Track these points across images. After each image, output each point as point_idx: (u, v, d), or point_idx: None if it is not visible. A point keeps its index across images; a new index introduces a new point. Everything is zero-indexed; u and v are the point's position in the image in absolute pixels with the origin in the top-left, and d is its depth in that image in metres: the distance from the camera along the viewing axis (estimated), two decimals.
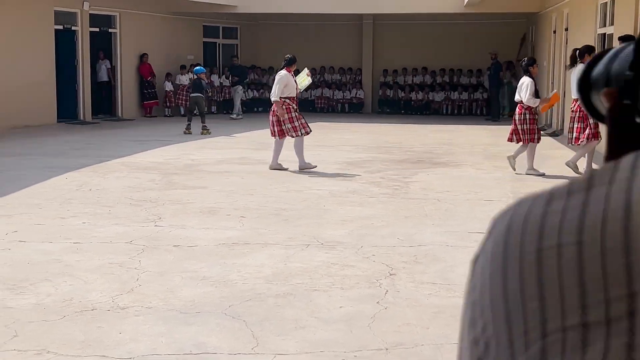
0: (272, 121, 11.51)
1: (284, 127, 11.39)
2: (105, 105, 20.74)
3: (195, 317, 4.86)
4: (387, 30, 25.14)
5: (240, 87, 22.34)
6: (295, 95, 11.60)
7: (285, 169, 11.31)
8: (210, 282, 5.64)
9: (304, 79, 12.29)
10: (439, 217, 8.06)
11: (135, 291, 5.38)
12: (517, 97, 11.22)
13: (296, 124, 11.40)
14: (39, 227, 7.39)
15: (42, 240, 6.85)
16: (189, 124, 16.32)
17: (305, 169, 11.28)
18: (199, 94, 16.53)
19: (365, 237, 7.09)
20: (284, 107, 11.30)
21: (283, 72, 11.52)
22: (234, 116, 21.68)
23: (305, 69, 12.92)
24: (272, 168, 11.36)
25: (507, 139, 11.49)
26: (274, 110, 11.46)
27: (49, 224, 7.50)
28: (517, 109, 11.25)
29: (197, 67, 17.50)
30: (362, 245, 6.79)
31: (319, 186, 9.93)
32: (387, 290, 5.45)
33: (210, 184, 9.95)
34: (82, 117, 19.53)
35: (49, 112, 18.48)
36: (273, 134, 11.55)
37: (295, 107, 11.53)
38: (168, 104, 21.71)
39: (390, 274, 5.87)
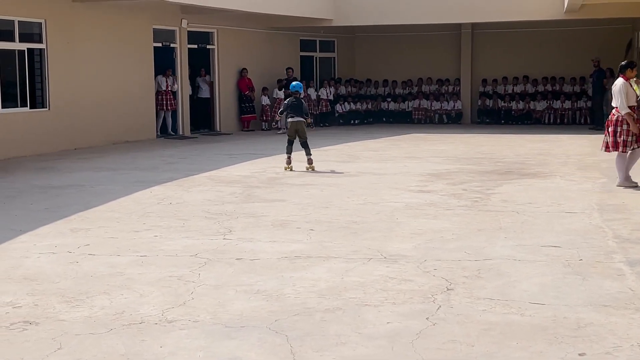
0: (610, 132, 10.50)
1: (618, 139, 10.37)
2: (205, 120, 21.20)
3: (239, 332, 4.85)
4: (485, 39, 24.71)
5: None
6: (634, 104, 10.41)
7: (635, 185, 10.45)
8: (263, 295, 5.62)
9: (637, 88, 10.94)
10: (514, 230, 7.80)
11: (187, 304, 5.42)
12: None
13: (629, 138, 10.36)
14: (111, 240, 7.57)
15: (111, 253, 7.01)
16: (290, 157, 12.85)
17: (625, 186, 10.39)
18: (300, 119, 12.95)
19: (431, 251, 6.93)
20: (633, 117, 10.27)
21: (620, 80, 10.49)
22: (280, 132, 20.82)
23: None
24: (620, 185, 10.44)
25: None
26: (613, 121, 10.48)
27: (122, 238, 7.67)
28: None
29: (294, 83, 13.57)
30: (425, 259, 6.63)
31: (397, 198, 9.79)
32: (439, 306, 5.30)
33: (288, 197, 9.98)
34: (181, 132, 20.01)
35: (149, 128, 19.03)
36: (608, 148, 10.59)
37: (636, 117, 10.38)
38: (264, 118, 21.98)
39: (448, 289, 5.71)
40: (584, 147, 16.22)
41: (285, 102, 13.10)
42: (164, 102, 19.37)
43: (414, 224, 8.17)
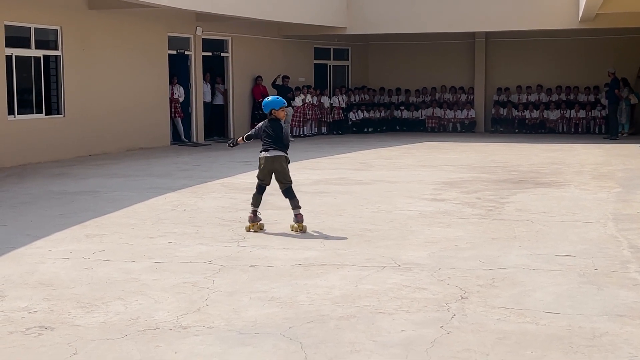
0: None
1: None
2: (218, 127, 21.26)
3: (253, 338, 4.85)
4: (500, 47, 24.69)
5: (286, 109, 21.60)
6: None
7: None
8: (277, 303, 5.63)
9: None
10: (528, 239, 7.78)
11: (201, 311, 5.43)
12: None
13: None
14: (126, 246, 7.59)
15: (126, 259, 7.04)
16: (256, 212, 8.33)
17: None
18: (278, 153, 8.27)
19: (445, 260, 6.92)
20: None
21: None
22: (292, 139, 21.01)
23: None
24: None
25: None
26: None
27: (137, 244, 7.70)
28: None
29: (269, 99, 8.49)
30: (440, 267, 6.63)
31: (410, 207, 9.79)
32: (454, 315, 5.29)
33: (302, 204, 9.93)
34: (194, 139, 20.07)
35: (163, 135, 19.10)
36: None
37: None
38: None
39: (462, 298, 5.70)
40: (599, 157, 16.16)
41: (257, 125, 8.50)
42: (173, 110, 19.42)
43: (427, 232, 8.16)
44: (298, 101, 22.16)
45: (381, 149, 18.55)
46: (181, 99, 19.52)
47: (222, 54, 21.06)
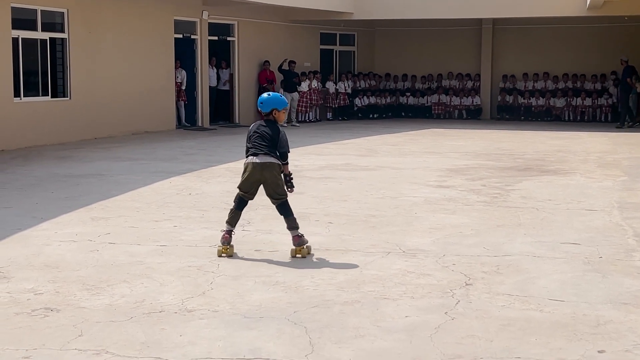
0: None
1: None
2: (224, 112, 21.24)
3: (258, 322, 4.87)
4: (507, 34, 24.61)
5: (290, 94, 21.36)
6: None
7: None
8: (282, 287, 5.64)
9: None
10: (533, 227, 7.78)
11: (206, 294, 5.45)
12: None
13: None
14: (131, 229, 7.61)
15: (132, 242, 7.05)
16: (231, 232, 6.64)
17: None
18: (271, 159, 6.53)
19: (449, 246, 6.92)
20: None
21: None
22: (285, 124, 21.04)
23: None
24: None
25: None
26: None
27: (142, 227, 7.72)
28: None
29: (267, 97, 6.76)
30: (444, 254, 6.63)
31: (415, 193, 9.79)
32: (458, 301, 5.30)
33: (307, 190, 9.98)
34: (200, 124, 20.07)
35: (169, 119, 19.10)
36: None
37: None
38: None
39: (467, 284, 5.70)
40: (605, 145, 16.13)
41: (250, 129, 6.70)
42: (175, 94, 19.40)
43: (432, 219, 8.17)
44: (304, 86, 22.12)
45: (386, 135, 18.53)
46: (183, 85, 19.46)
47: (228, 39, 21.01)
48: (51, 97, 15.85)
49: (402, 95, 25.13)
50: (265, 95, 6.76)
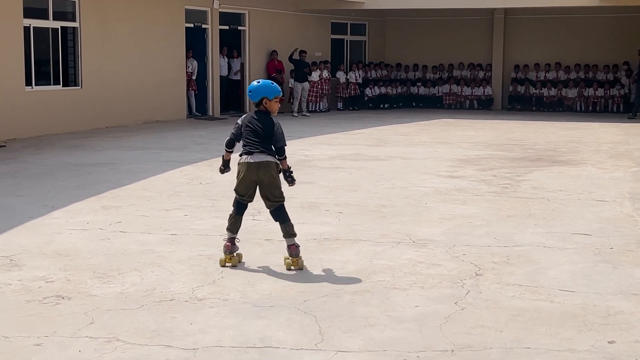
0: None
1: None
2: (235, 101, 21.25)
3: (268, 311, 4.88)
4: (518, 24, 24.48)
5: (300, 83, 21.43)
6: None
7: None
8: (292, 276, 5.66)
9: None
10: (544, 217, 7.76)
11: (217, 283, 5.47)
12: None
13: None
14: (142, 218, 7.64)
15: (142, 231, 7.08)
16: (234, 239, 6.04)
17: None
18: (267, 158, 5.91)
19: (460, 236, 6.92)
20: None
21: None
22: (296, 114, 21.17)
23: None
24: None
25: None
26: None
27: (153, 216, 7.74)
28: None
29: (256, 85, 6.00)
30: (454, 244, 6.63)
31: (426, 183, 9.78)
32: (468, 291, 5.30)
33: (317, 180, 9.99)
34: (211, 113, 20.09)
35: (179, 108, 19.12)
36: None
37: None
38: (292, 100, 21.93)
39: (477, 275, 5.70)
40: (616, 136, 16.05)
41: (240, 120, 6.01)
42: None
43: (443, 209, 8.16)
44: (314, 76, 22.09)
45: (397, 125, 18.50)
46: (194, 75, 19.47)
47: (239, 28, 21.00)
48: (62, 86, 15.89)
49: (413, 85, 25.07)
50: (254, 83, 6.01)
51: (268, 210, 6.02)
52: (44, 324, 4.60)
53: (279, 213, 5.96)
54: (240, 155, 5.92)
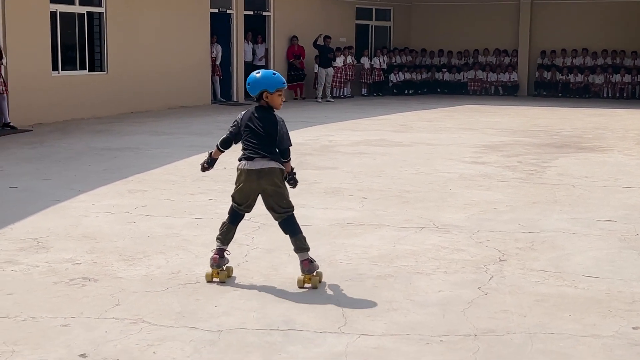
0: None
1: None
2: None
3: (292, 295, 4.91)
4: (545, 10, 24.26)
5: (325, 69, 21.38)
6: None
7: None
8: (316, 261, 5.67)
9: None
10: (569, 204, 7.72)
11: (241, 267, 5.50)
12: None
13: None
14: (168, 202, 7.70)
15: (167, 215, 7.14)
16: (223, 250, 5.25)
17: None
18: (270, 164, 5.14)
19: (484, 222, 6.90)
20: None
21: None
22: (320, 100, 21.13)
23: None
24: None
25: None
26: None
27: (178, 200, 7.80)
28: None
29: (256, 77, 5.21)
30: (478, 229, 6.62)
31: (450, 169, 9.75)
32: (492, 276, 5.29)
33: (341, 165, 10.00)
34: (235, 99, 20.13)
35: (204, 94, 19.18)
36: None
37: None
38: (316, 86, 21.89)
39: (501, 260, 5.69)
40: None
41: (237, 119, 5.30)
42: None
43: (467, 195, 8.14)
44: (339, 62, 22.05)
45: (422, 111, 18.44)
46: (218, 60, 19.51)
47: (264, 13, 20.99)
48: (88, 71, 16.00)
49: (438, 71, 24.95)
50: (254, 74, 5.22)
51: (277, 223, 5.26)
52: (71, 305, 4.66)
53: (289, 225, 5.20)
54: (239, 160, 5.21)
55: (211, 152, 5.56)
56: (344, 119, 16.00)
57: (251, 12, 20.47)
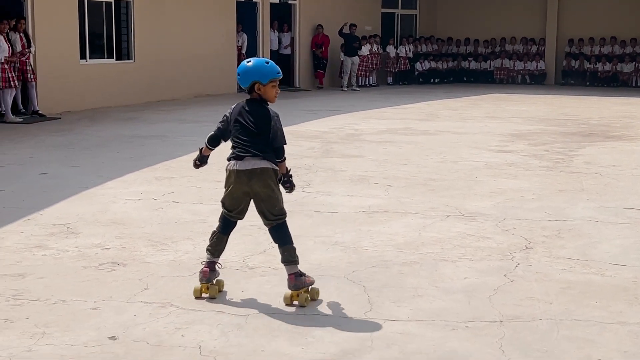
0: None
1: None
2: (285, 76, 21.26)
3: (318, 280, 4.92)
4: None
5: (350, 58, 21.24)
6: None
7: None
8: (341, 247, 5.71)
9: None
10: (597, 192, 7.68)
11: (267, 252, 5.55)
12: None
13: None
14: (194, 189, 7.76)
15: (194, 201, 7.20)
16: (215, 263, 4.70)
17: None
18: (262, 163, 4.66)
19: (510, 210, 6.89)
20: None
21: None
22: (346, 88, 21.09)
23: None
24: None
25: None
26: None
27: (204, 187, 7.86)
28: None
29: (247, 66, 4.62)
30: (504, 217, 6.61)
31: (476, 157, 9.73)
32: (518, 264, 5.29)
33: (366, 153, 10.02)
34: None
35: (230, 82, 19.22)
36: None
37: None
38: (342, 75, 21.87)
39: (527, 248, 5.69)
40: None
41: (229, 111, 4.90)
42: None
43: (493, 183, 8.12)
44: (364, 50, 22.01)
45: (447, 100, 18.38)
46: (244, 49, 19.54)
47: (290, 2, 21.00)
48: (116, 60, 16.12)
49: (464, 60, 24.84)
50: (244, 62, 4.67)
51: (268, 229, 4.77)
52: (100, 289, 4.73)
53: (279, 233, 4.70)
54: (229, 160, 4.76)
55: (201, 149, 5.18)
56: (370, 108, 15.99)
57: (277, 1, 20.49)
